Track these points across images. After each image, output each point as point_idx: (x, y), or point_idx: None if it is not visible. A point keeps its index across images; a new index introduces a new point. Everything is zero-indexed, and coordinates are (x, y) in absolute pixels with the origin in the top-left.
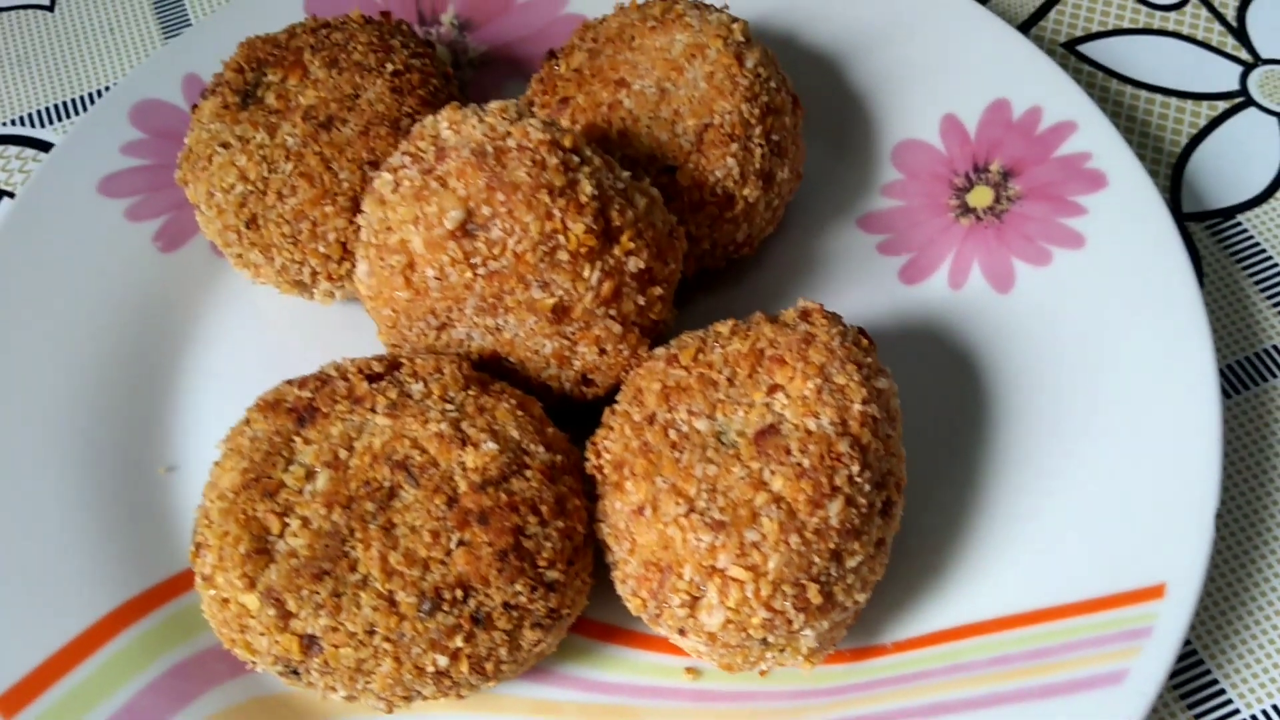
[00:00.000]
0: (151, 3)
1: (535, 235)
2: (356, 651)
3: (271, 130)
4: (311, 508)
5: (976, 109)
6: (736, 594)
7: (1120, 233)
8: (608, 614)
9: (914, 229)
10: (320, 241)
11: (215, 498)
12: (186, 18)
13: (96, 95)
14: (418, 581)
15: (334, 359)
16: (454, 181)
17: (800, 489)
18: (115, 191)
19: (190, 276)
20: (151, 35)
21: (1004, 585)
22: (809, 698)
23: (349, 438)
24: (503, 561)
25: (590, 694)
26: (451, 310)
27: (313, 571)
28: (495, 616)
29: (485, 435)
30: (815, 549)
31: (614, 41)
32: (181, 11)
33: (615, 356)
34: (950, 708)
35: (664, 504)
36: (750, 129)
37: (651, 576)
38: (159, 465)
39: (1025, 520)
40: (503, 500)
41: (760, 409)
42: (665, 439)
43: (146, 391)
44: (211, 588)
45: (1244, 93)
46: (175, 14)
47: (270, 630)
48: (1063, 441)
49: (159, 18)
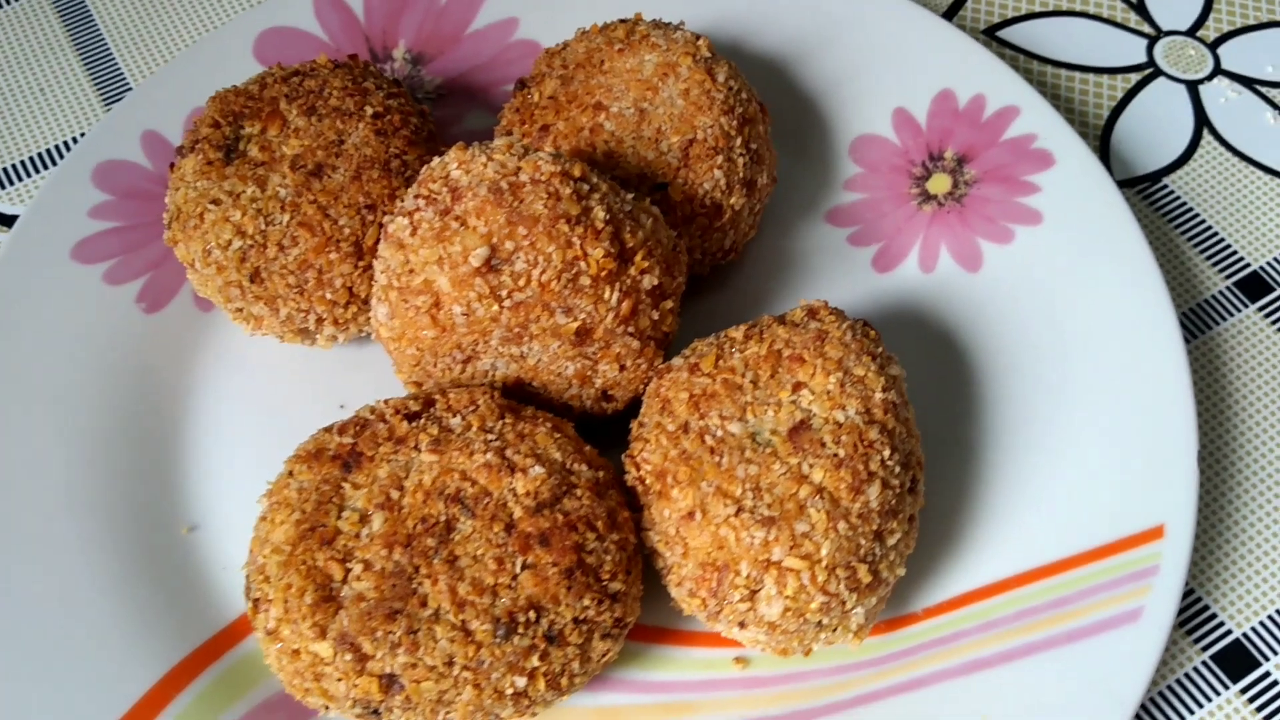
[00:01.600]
0: (81, 61)
1: (558, 264)
2: (438, 684)
3: (261, 183)
4: (372, 550)
5: (924, 101)
6: (794, 583)
7: (1073, 206)
8: (654, 617)
9: (881, 219)
10: (327, 289)
11: (270, 552)
12: (120, 73)
13: (40, 159)
14: (489, 608)
15: (338, 402)
16: (474, 220)
17: (840, 478)
18: (90, 257)
19: (178, 335)
20: (86, 93)
21: (1017, 544)
22: (852, 671)
23: (398, 478)
24: (569, 579)
25: (647, 695)
26: (478, 343)
27: (384, 612)
28: (567, 632)
29: (530, 460)
30: (861, 532)
31: (584, 66)
32: (114, 67)
33: (634, 371)
34: (987, 662)
35: (713, 507)
36: (731, 140)
37: (709, 576)
38: (181, 526)
39: (1025, 482)
40: (559, 520)
41: (788, 407)
42: (703, 445)
43: (154, 455)
44: (278, 641)
45: (1152, 64)
46: (107, 70)
47: (348, 675)
48: (1048, 405)
49: (90, 75)
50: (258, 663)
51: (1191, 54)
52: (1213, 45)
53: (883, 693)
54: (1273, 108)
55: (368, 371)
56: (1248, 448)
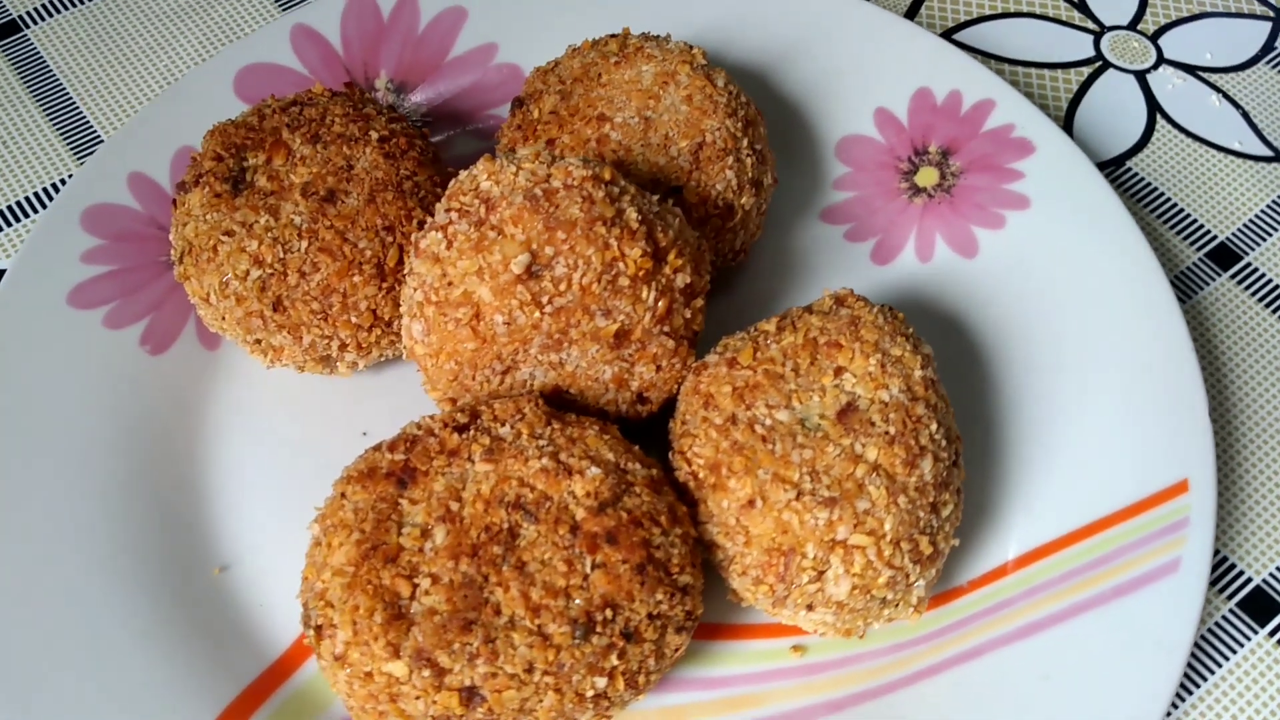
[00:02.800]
0: (42, 111)
1: (598, 266)
2: (519, 692)
3: (274, 211)
4: (438, 563)
5: (903, 99)
6: (860, 560)
7: (1057, 188)
8: (709, 614)
9: (874, 214)
10: (351, 312)
11: (330, 576)
12: (85, 119)
13: (12, 211)
14: (565, 610)
15: (360, 430)
16: (511, 228)
17: (894, 454)
18: (87, 302)
19: (186, 375)
20: (51, 141)
21: (1049, 511)
22: (908, 648)
23: (455, 490)
24: (642, 574)
25: (709, 691)
26: (517, 352)
27: (459, 624)
28: (642, 629)
29: (585, 462)
30: (919, 505)
31: (582, 81)
32: (78, 115)
33: (669, 371)
34: (1040, 625)
35: (772, 493)
36: (739, 141)
37: (776, 561)
38: (211, 568)
39: (1048, 452)
40: (624, 518)
41: (833, 391)
42: (753, 434)
43: (176, 499)
44: (346, 666)
45: (1100, 57)
46: (70, 118)
47: (426, 692)
48: (1059, 377)
49: (53, 123)
50: (314, 694)
51: (1135, 46)
52: (1153, 37)
53: (942, 665)
54: (1216, 91)
55: (386, 397)
56: (1240, 406)
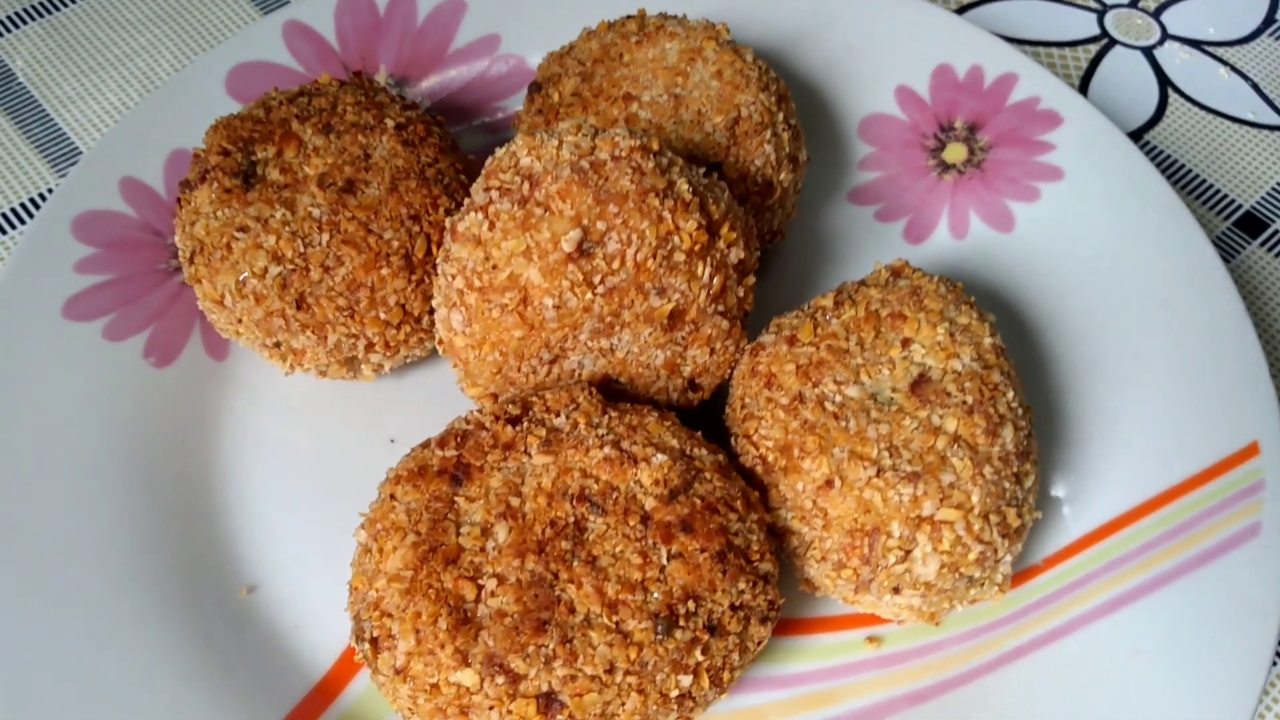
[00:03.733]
0: (14, 124)
1: (652, 240)
2: (601, 695)
3: (290, 205)
4: (503, 563)
5: (924, 76)
6: (949, 535)
7: (1090, 158)
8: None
9: (903, 193)
10: (380, 308)
11: (386, 583)
12: (60, 131)
13: None
14: (643, 605)
15: (386, 437)
16: (558, 204)
17: (974, 423)
18: (83, 314)
19: (195, 387)
20: (26, 154)
21: (1120, 483)
22: (988, 632)
23: (514, 484)
24: (722, 563)
25: (786, 690)
26: (567, 339)
27: (532, 625)
28: (725, 621)
29: (650, 449)
30: (1004, 475)
31: (602, 61)
32: (53, 127)
33: (723, 354)
34: (1124, 599)
35: (850, 471)
36: (774, 115)
37: (859, 543)
38: (238, 589)
39: (1111, 424)
40: (697, 505)
41: (902, 363)
42: (824, 412)
43: (194, 519)
44: (408, 680)
45: (1106, 34)
46: (45, 130)
47: (500, 701)
48: (1113, 347)
49: (26, 137)
50: (364, 715)
51: (1139, 23)
52: (1155, 14)
53: (1026, 648)
54: (1223, 64)
55: (412, 402)
56: None
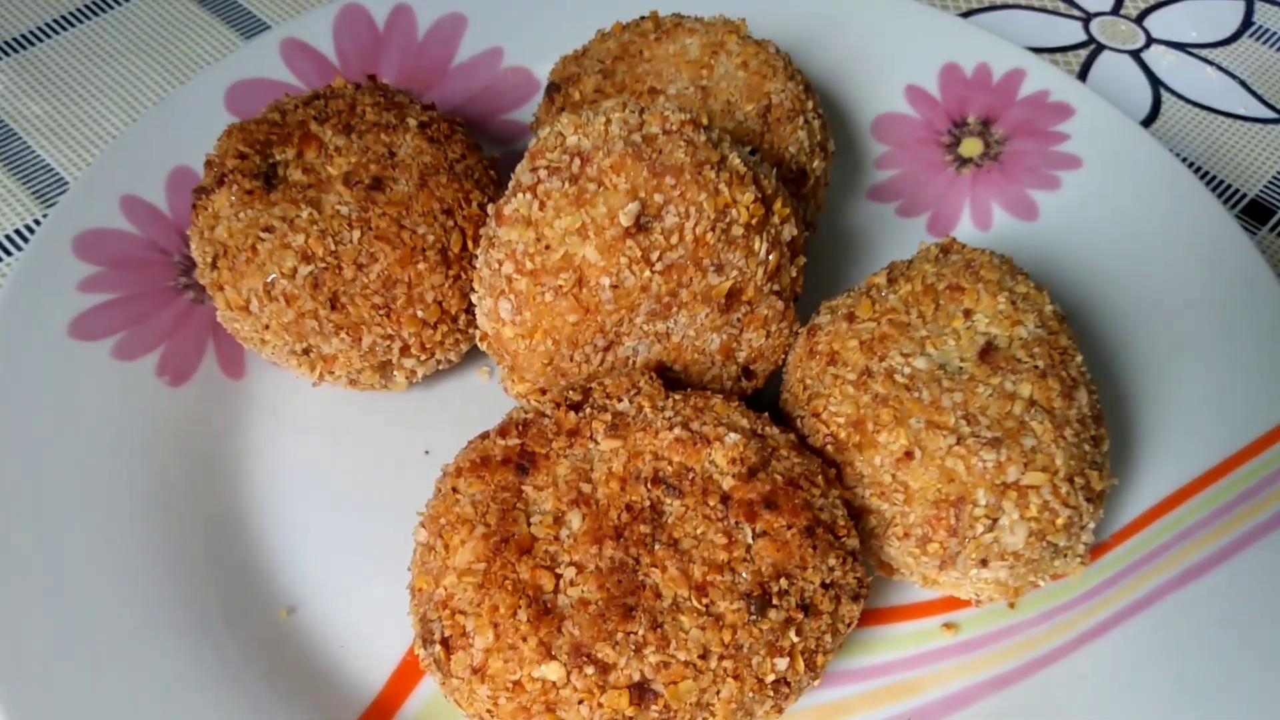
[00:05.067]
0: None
1: (711, 213)
2: (696, 681)
3: (316, 204)
4: (580, 550)
5: (932, 75)
6: (1036, 501)
7: (1106, 145)
8: None
9: (922, 190)
10: (417, 305)
11: (456, 579)
12: (44, 163)
13: None
14: (732, 586)
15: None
16: (613, 178)
17: (1049, 387)
18: (91, 333)
19: (213, 406)
20: (8, 187)
21: (1180, 455)
22: (1064, 611)
23: (583, 471)
24: (811, 538)
25: (868, 682)
26: (622, 323)
27: (619, 611)
28: (818, 600)
29: (721, 429)
30: (1083, 437)
31: (622, 59)
32: (35, 159)
33: (778, 337)
34: (1202, 567)
35: (930, 441)
36: (804, 102)
37: (944, 514)
38: (278, 611)
39: (1163, 398)
40: (778, 481)
41: (967, 333)
42: (895, 384)
43: (226, 542)
44: (486, 680)
45: (1093, 40)
46: (28, 163)
47: (590, 694)
48: (1151, 323)
49: (9, 170)
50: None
51: (1124, 29)
52: (1138, 20)
53: (1109, 622)
54: (1209, 64)
55: (443, 412)
56: None
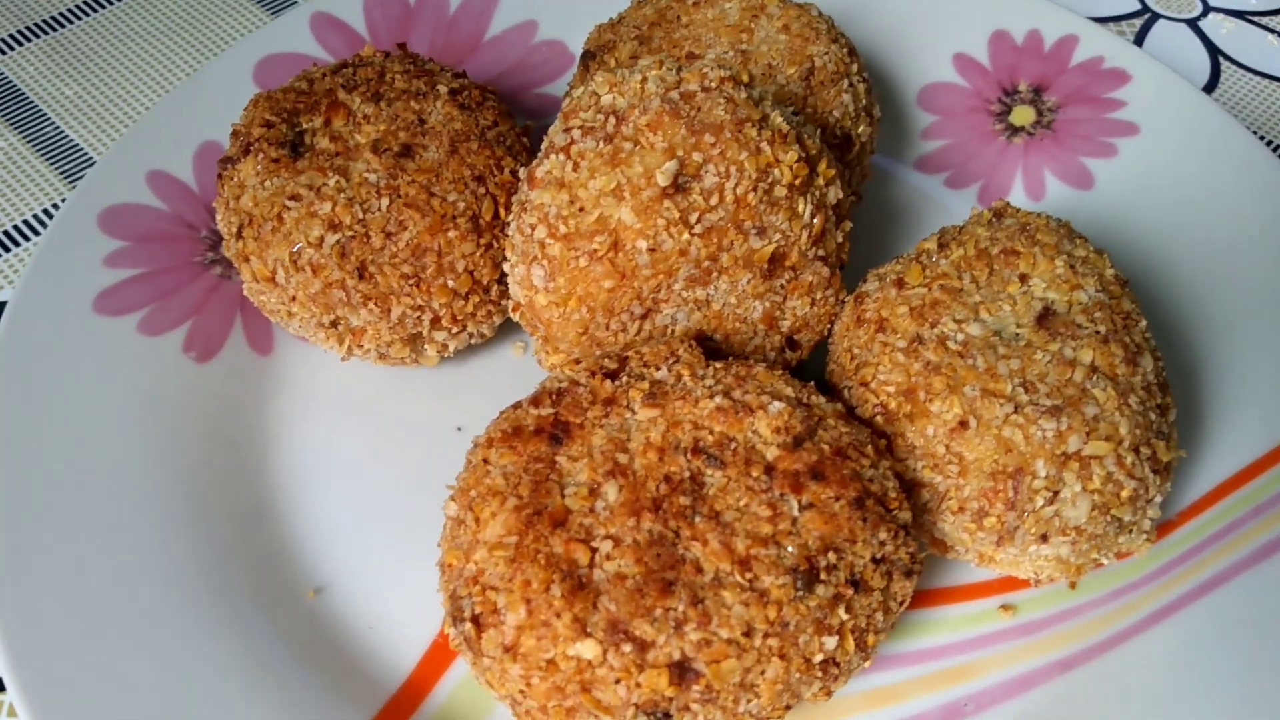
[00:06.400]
0: (24, 139)
1: (752, 173)
2: (740, 660)
3: (343, 171)
4: (617, 523)
5: (980, 43)
6: (1099, 472)
7: (1164, 111)
8: None
9: (971, 160)
10: (448, 274)
11: (487, 554)
12: (73, 143)
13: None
14: (778, 560)
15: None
16: (649, 135)
17: (1111, 353)
18: (116, 308)
19: (241, 382)
20: (37, 168)
21: (1254, 426)
22: (1129, 593)
23: (620, 440)
24: (861, 510)
25: (921, 666)
26: (660, 289)
27: (658, 586)
28: (868, 575)
29: (765, 398)
30: (1149, 405)
31: (659, 25)
32: (64, 140)
33: (823, 305)
34: (1274, 545)
35: (985, 410)
36: (848, 65)
37: (1002, 486)
38: (305, 591)
39: (1223, 373)
40: (825, 451)
41: (1023, 298)
42: (947, 351)
43: (253, 521)
44: (518, 659)
45: (1147, 9)
46: (56, 144)
47: (628, 672)
48: (1216, 295)
49: (37, 151)
50: (457, 713)
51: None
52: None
53: (1177, 603)
54: (1270, 32)
55: (474, 389)
56: None
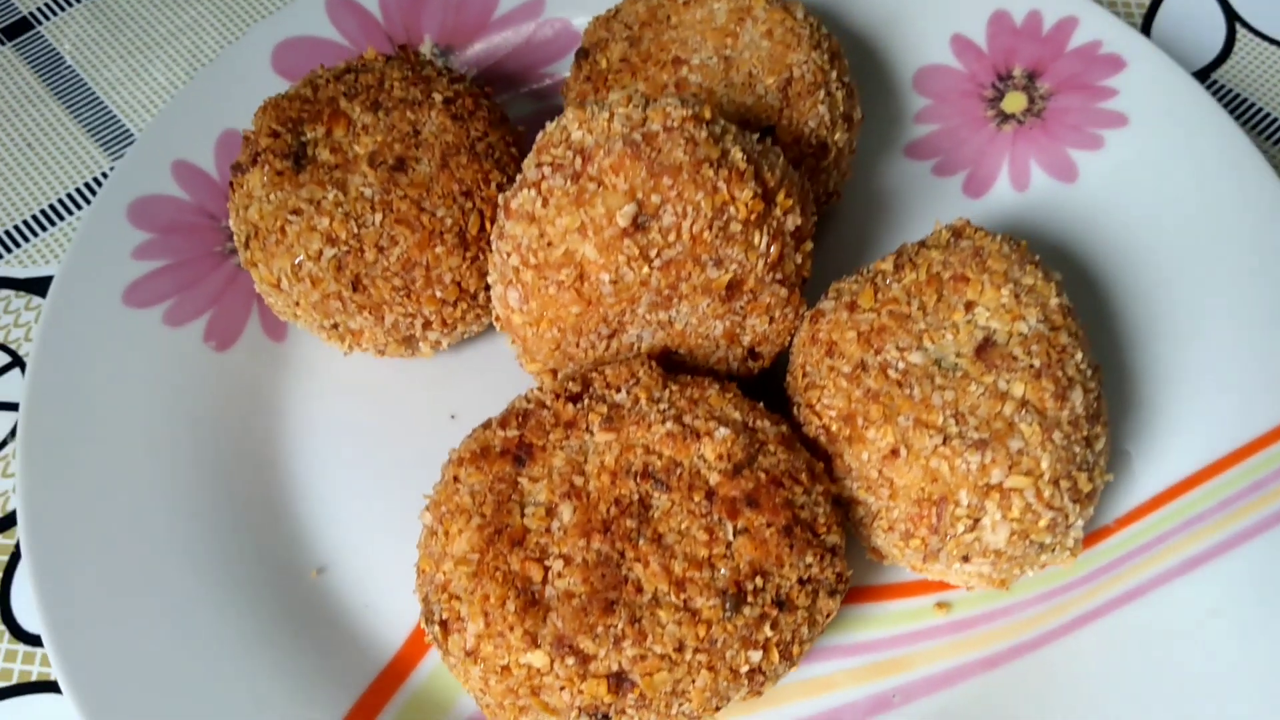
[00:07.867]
0: (65, 108)
1: (708, 211)
2: (671, 673)
3: (341, 185)
4: (569, 543)
5: (979, 24)
6: (1018, 503)
7: (1155, 102)
8: None
9: (960, 146)
10: (436, 286)
11: (453, 566)
12: (111, 114)
13: (44, 215)
14: (711, 583)
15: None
16: (612, 177)
17: (1042, 387)
18: (144, 300)
19: (256, 370)
20: (79, 139)
21: (1193, 439)
22: (1060, 595)
23: (577, 463)
24: (789, 537)
25: (855, 658)
26: (624, 313)
27: (600, 605)
28: (794, 596)
29: (712, 423)
30: (1074, 439)
31: (650, 25)
32: (103, 110)
33: (782, 322)
34: (1202, 558)
35: (916, 440)
36: (827, 74)
37: (927, 512)
38: (308, 570)
39: (1182, 379)
40: (762, 479)
41: (966, 327)
42: (887, 379)
43: (261, 500)
44: (478, 662)
45: None
46: (96, 113)
47: (571, 681)
48: (1183, 298)
49: (78, 120)
50: (436, 693)
51: None
52: None
53: (1101, 609)
54: None
55: (472, 377)
56: None
